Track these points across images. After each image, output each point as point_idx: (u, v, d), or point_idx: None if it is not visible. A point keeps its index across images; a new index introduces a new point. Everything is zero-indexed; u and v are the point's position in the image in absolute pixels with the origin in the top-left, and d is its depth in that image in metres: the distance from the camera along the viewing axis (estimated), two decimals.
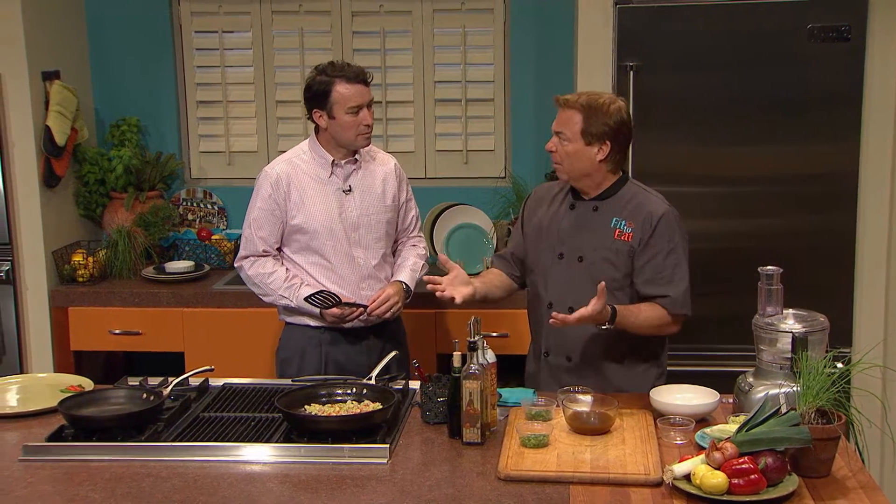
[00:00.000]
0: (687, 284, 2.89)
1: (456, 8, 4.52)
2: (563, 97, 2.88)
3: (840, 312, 3.79)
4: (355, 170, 3.25)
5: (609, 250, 2.89)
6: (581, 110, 2.82)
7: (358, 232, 3.24)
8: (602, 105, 2.83)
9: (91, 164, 4.43)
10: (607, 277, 2.85)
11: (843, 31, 3.68)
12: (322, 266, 3.23)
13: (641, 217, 2.88)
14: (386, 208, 3.29)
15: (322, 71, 3.16)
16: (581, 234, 2.92)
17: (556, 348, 2.99)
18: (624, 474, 2.30)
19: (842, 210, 3.83)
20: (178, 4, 4.61)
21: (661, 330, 2.90)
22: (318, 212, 3.20)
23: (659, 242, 2.87)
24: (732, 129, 3.81)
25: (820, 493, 2.20)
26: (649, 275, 2.88)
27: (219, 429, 2.62)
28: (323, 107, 3.15)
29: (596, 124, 2.82)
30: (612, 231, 2.89)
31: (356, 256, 3.24)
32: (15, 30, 4.04)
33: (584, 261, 2.91)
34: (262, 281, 3.24)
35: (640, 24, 3.79)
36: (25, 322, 4.20)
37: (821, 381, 2.29)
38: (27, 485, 2.33)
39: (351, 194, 3.23)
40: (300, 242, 3.23)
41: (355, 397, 2.73)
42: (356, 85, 3.13)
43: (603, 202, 2.92)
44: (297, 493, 2.29)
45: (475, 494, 2.26)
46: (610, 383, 2.91)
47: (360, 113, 3.14)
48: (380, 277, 3.29)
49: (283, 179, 3.21)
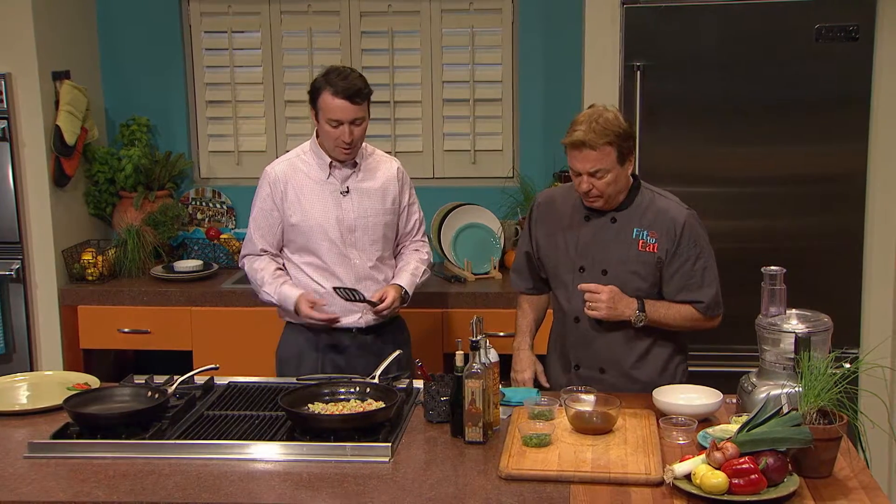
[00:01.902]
0: (717, 286, 2.88)
1: (464, 8, 4.52)
2: (583, 138, 2.72)
3: (848, 313, 3.79)
4: (354, 172, 3.24)
5: (635, 262, 2.85)
6: (612, 143, 2.73)
7: (354, 234, 3.22)
8: (619, 124, 2.77)
9: (101, 163, 4.46)
10: (634, 288, 2.85)
11: (851, 31, 3.67)
12: (317, 266, 3.23)
13: (665, 226, 2.84)
14: (385, 211, 3.27)
15: (325, 72, 3.14)
16: (603, 247, 2.88)
17: (587, 361, 2.94)
18: (625, 474, 2.30)
19: (850, 210, 3.82)
20: (188, 5, 4.63)
21: (696, 326, 2.91)
22: (314, 212, 3.19)
23: (686, 250, 2.85)
24: (739, 130, 3.80)
25: (821, 493, 2.20)
26: (680, 283, 2.86)
27: (223, 427, 2.64)
28: (314, 107, 3.15)
29: (626, 145, 2.77)
30: (635, 242, 2.85)
31: (351, 258, 3.23)
32: (25, 30, 4.07)
33: (609, 274, 2.86)
34: (253, 277, 3.26)
35: (647, 24, 3.79)
36: (35, 320, 4.23)
37: (823, 381, 2.28)
38: (32, 481, 2.35)
39: (348, 196, 3.22)
40: (297, 242, 3.23)
41: (359, 396, 2.74)
42: (340, 101, 3.06)
43: (620, 213, 2.88)
44: (300, 491, 2.30)
45: (476, 493, 2.26)
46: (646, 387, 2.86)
47: (339, 127, 3.10)
48: (377, 279, 3.27)
49: (280, 179, 3.21)
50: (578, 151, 2.75)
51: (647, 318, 2.83)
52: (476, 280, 4.22)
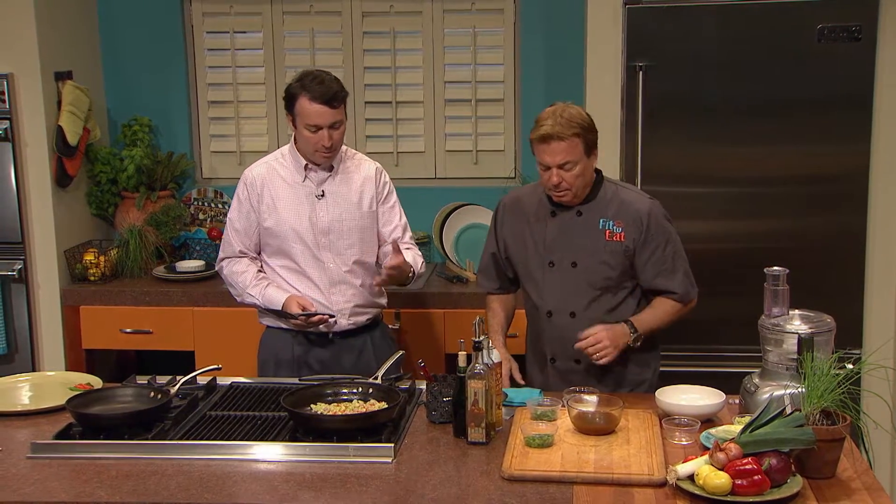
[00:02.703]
0: (687, 268, 2.99)
1: (466, 8, 4.52)
2: (550, 132, 2.82)
3: (850, 313, 3.78)
4: (331, 175, 3.23)
5: (604, 252, 2.94)
6: (579, 135, 2.84)
7: (328, 237, 3.20)
8: (584, 117, 2.88)
9: (103, 163, 4.46)
10: (603, 278, 2.94)
11: (854, 31, 3.66)
12: (292, 270, 3.22)
13: (630, 216, 2.93)
14: (361, 215, 3.25)
15: (300, 77, 3.11)
16: (570, 241, 2.96)
17: (562, 353, 3.02)
18: (628, 474, 2.30)
19: (852, 211, 3.81)
20: (190, 5, 4.63)
21: (679, 316, 3.01)
22: (289, 215, 3.18)
23: (655, 238, 2.94)
24: (742, 130, 3.80)
25: (824, 494, 2.20)
26: (653, 270, 2.96)
27: (225, 427, 2.64)
28: (290, 112, 3.14)
29: (591, 137, 2.89)
30: (602, 233, 2.94)
31: (325, 261, 3.21)
32: (27, 30, 4.07)
33: (579, 266, 2.95)
34: (234, 280, 3.25)
35: (649, 24, 3.79)
36: (37, 320, 4.24)
37: (826, 382, 2.28)
38: (34, 482, 2.35)
39: (323, 199, 3.20)
40: (272, 246, 3.23)
41: (361, 396, 2.74)
42: (319, 106, 3.05)
43: (585, 206, 2.97)
44: (302, 492, 2.30)
45: (479, 494, 2.26)
46: (622, 377, 2.98)
47: (318, 132, 3.09)
48: (353, 283, 3.24)
49: (257, 182, 3.21)
50: (547, 145, 2.83)
51: (640, 334, 2.92)
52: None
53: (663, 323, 2.98)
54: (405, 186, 4.46)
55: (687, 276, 2.99)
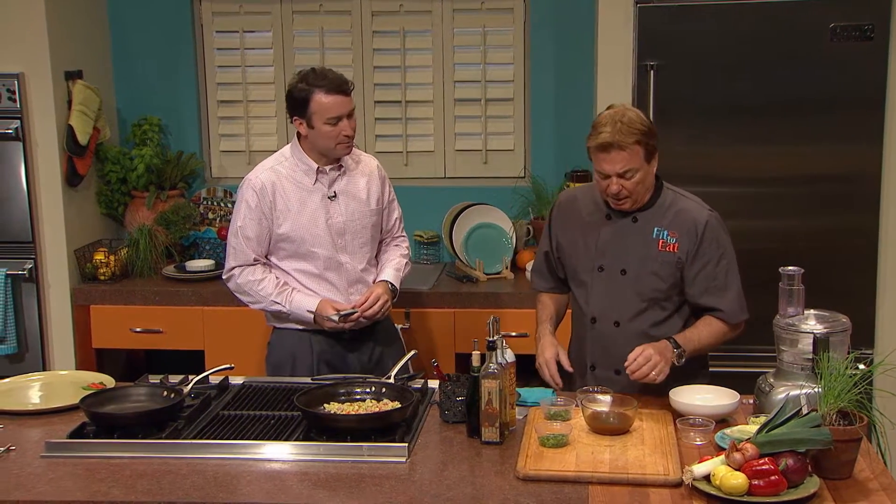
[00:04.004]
0: (739, 288, 2.84)
1: (476, 8, 4.52)
2: (610, 140, 2.67)
3: (862, 313, 3.77)
4: (340, 175, 3.23)
5: (655, 262, 2.82)
6: (640, 142, 2.69)
7: (344, 238, 3.21)
8: (644, 122, 2.72)
9: (113, 163, 4.46)
10: (652, 289, 2.84)
11: (866, 31, 3.66)
12: (310, 273, 3.21)
13: (686, 227, 2.81)
14: (371, 212, 3.27)
15: (303, 78, 3.11)
16: (623, 247, 2.85)
17: (603, 362, 2.92)
18: (643, 475, 2.29)
19: (864, 210, 3.80)
20: (200, 4, 4.63)
21: (727, 339, 2.87)
22: (304, 219, 3.17)
23: (708, 251, 2.81)
24: (753, 130, 3.79)
25: (841, 494, 2.19)
26: (703, 285, 2.83)
27: (238, 427, 2.64)
28: (302, 115, 3.11)
29: (651, 143, 2.74)
30: (655, 242, 2.82)
31: (343, 262, 3.22)
32: (38, 30, 4.07)
33: (628, 274, 2.85)
34: (251, 289, 3.20)
35: (660, 24, 3.78)
36: (48, 320, 4.24)
37: (842, 382, 2.27)
38: (49, 481, 2.35)
39: (336, 200, 3.21)
40: (287, 250, 3.21)
41: (374, 396, 2.74)
42: (335, 96, 3.06)
43: (642, 213, 2.84)
44: (317, 491, 2.29)
45: (494, 494, 2.25)
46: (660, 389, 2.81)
47: (339, 123, 3.09)
48: (368, 281, 3.27)
49: (267, 188, 3.17)
50: (607, 153, 2.70)
51: (684, 350, 2.77)
52: (488, 280, 4.22)
53: (708, 343, 2.83)
54: (414, 186, 4.49)
55: (739, 297, 2.83)
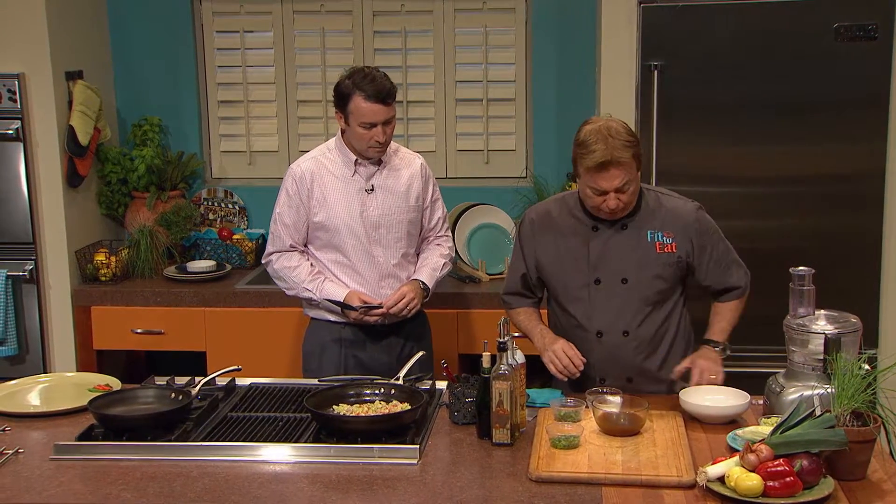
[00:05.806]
0: (737, 257, 2.94)
1: (477, 7, 4.51)
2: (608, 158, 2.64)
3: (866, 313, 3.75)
4: (379, 169, 3.26)
5: (656, 265, 2.82)
6: (633, 154, 2.69)
7: (378, 231, 3.24)
8: (630, 131, 2.73)
9: (113, 163, 4.44)
10: (656, 292, 2.84)
11: (870, 30, 3.66)
12: (342, 264, 3.25)
13: (679, 225, 2.83)
14: (409, 208, 3.29)
15: (350, 76, 3.13)
16: (618, 256, 2.83)
17: (613, 373, 2.89)
18: (657, 476, 2.28)
19: (868, 210, 3.81)
20: (200, 4, 4.62)
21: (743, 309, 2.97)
22: (340, 210, 3.21)
23: (709, 241, 2.88)
24: (757, 129, 3.79)
25: (856, 495, 2.19)
26: (716, 272, 2.90)
27: (247, 429, 2.62)
28: (342, 111, 3.16)
29: (639, 150, 2.75)
30: (651, 245, 2.82)
31: (376, 255, 3.25)
32: (38, 30, 4.05)
33: (630, 282, 2.83)
34: (286, 274, 3.26)
35: (663, 23, 3.78)
36: (48, 321, 4.22)
37: (855, 382, 2.27)
38: (59, 483, 2.33)
39: (373, 193, 3.24)
40: (322, 240, 3.26)
41: (383, 397, 2.72)
42: (374, 104, 3.08)
43: (630, 219, 2.83)
44: (328, 493, 2.28)
45: (507, 495, 2.25)
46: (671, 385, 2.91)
47: (373, 129, 3.11)
48: (400, 277, 3.29)
49: (306, 177, 3.23)
50: (605, 171, 2.66)
51: (725, 345, 2.89)
52: (490, 280, 4.21)
53: (733, 324, 2.93)
54: None
55: (742, 265, 2.94)
